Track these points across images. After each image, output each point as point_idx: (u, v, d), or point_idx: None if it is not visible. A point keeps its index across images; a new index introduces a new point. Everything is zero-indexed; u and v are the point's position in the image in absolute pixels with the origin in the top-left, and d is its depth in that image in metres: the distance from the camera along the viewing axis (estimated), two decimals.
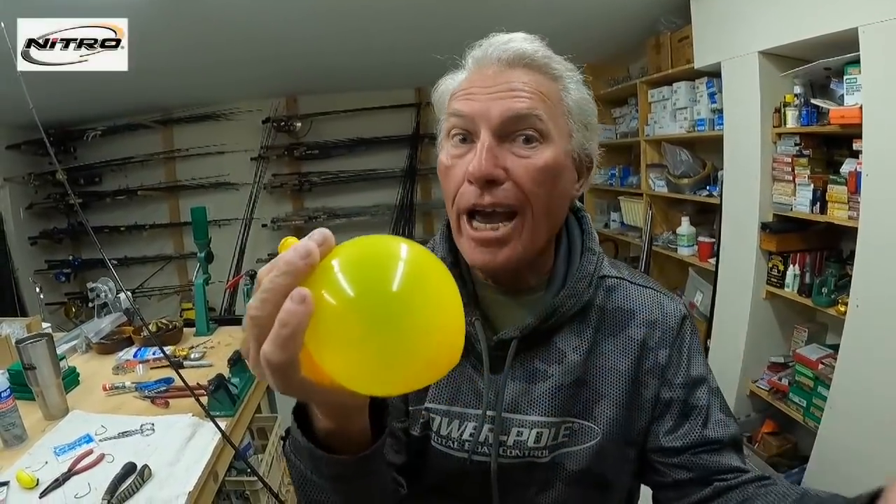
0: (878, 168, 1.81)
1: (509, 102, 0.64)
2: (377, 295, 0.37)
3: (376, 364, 0.38)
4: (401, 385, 0.40)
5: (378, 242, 0.41)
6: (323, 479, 0.56)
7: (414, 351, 0.38)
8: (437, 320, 0.39)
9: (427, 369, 0.40)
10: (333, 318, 0.37)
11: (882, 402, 1.82)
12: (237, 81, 4.18)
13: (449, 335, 0.40)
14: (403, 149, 4.81)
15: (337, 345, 0.38)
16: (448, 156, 0.69)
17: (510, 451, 0.74)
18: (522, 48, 0.67)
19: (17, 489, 1.22)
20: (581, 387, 0.74)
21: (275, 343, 0.37)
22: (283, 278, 0.37)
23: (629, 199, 3.79)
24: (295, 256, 0.38)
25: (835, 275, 2.16)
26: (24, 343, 1.50)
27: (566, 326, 0.75)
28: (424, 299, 0.39)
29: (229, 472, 1.72)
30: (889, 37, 1.71)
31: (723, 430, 0.74)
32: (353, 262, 0.39)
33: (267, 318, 0.38)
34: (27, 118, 1.59)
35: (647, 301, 0.78)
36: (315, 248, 0.38)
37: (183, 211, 4.80)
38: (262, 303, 0.38)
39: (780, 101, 2.28)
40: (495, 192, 0.65)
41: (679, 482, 0.74)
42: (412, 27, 3.25)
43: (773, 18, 2.19)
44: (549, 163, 0.66)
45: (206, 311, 2.25)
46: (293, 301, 0.36)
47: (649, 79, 3.33)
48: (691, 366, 0.76)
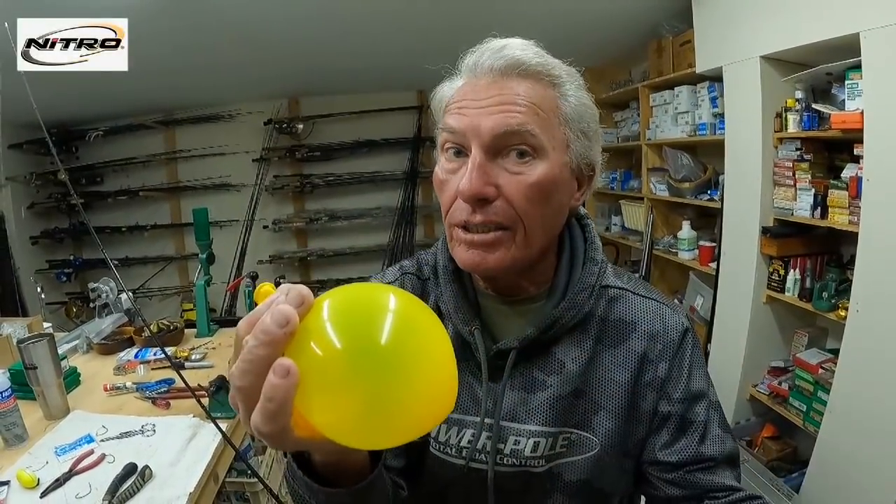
0: (879, 173, 1.81)
1: (500, 118, 0.62)
2: (363, 354, 0.36)
3: (365, 421, 0.37)
4: (391, 439, 0.39)
5: (360, 296, 0.40)
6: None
7: (403, 407, 0.37)
8: (426, 375, 0.38)
9: (417, 424, 0.39)
10: (319, 379, 0.36)
11: (882, 407, 1.81)
12: (239, 83, 4.19)
13: (439, 389, 0.39)
14: (405, 151, 4.82)
15: (324, 404, 0.36)
16: (442, 170, 0.69)
17: (507, 460, 0.74)
18: (515, 56, 0.64)
19: (18, 489, 1.22)
20: (579, 398, 0.74)
21: (263, 415, 0.36)
22: (263, 349, 0.36)
23: (630, 203, 3.79)
24: (273, 325, 0.36)
25: (835, 279, 2.16)
26: (25, 343, 1.50)
27: (566, 337, 0.74)
28: (413, 355, 0.38)
29: (230, 474, 1.72)
30: (891, 42, 1.71)
31: (719, 446, 0.73)
32: (337, 321, 0.37)
33: (251, 388, 0.37)
34: (29, 117, 1.60)
35: (649, 313, 0.77)
36: (294, 315, 0.36)
37: (184, 212, 4.81)
38: (242, 374, 0.37)
39: (782, 106, 2.28)
40: (486, 210, 0.64)
41: (671, 499, 0.74)
42: (414, 30, 3.26)
43: (775, 23, 2.19)
44: (542, 179, 0.64)
45: (207, 313, 2.25)
46: (276, 375, 0.35)
47: (651, 83, 3.34)
48: (691, 380, 0.75)
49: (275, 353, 0.36)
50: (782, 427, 2.48)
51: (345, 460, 0.52)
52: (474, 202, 0.63)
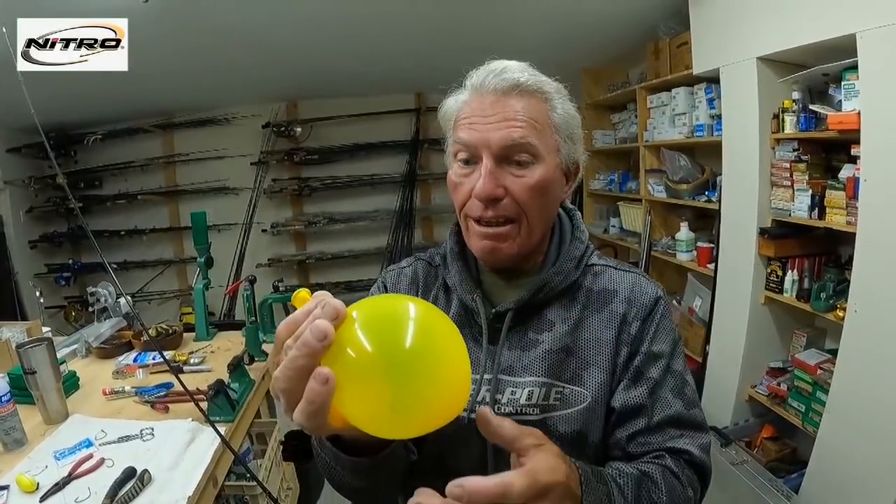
0: (877, 173, 1.81)
1: (506, 132, 0.76)
2: (390, 357, 0.42)
3: (391, 415, 0.43)
4: (413, 430, 0.45)
5: (386, 306, 0.47)
6: (345, 471, 0.66)
7: (424, 403, 0.43)
8: (445, 374, 0.44)
9: (436, 417, 0.45)
10: (352, 380, 0.42)
11: (881, 407, 1.82)
12: (237, 86, 4.19)
13: (456, 387, 0.46)
14: (403, 154, 4.83)
15: (356, 401, 0.43)
16: (455, 174, 0.82)
17: (504, 409, 0.82)
18: (515, 78, 0.77)
19: (17, 493, 1.22)
20: (570, 355, 0.83)
21: (304, 414, 0.44)
22: (303, 360, 0.43)
23: (628, 205, 3.79)
24: (313, 339, 0.42)
25: (833, 280, 2.17)
26: (24, 347, 1.50)
27: (556, 302, 0.85)
28: (433, 356, 0.44)
29: (228, 477, 1.72)
30: (887, 42, 1.72)
31: (662, 407, 0.81)
32: (367, 329, 0.44)
33: (293, 391, 0.44)
34: (28, 121, 1.60)
35: (627, 282, 0.88)
36: (331, 331, 0.43)
37: (183, 215, 4.82)
38: (287, 379, 0.45)
39: (779, 107, 2.28)
40: (496, 207, 0.78)
41: (609, 443, 0.84)
42: (413, 33, 3.27)
43: (772, 24, 2.20)
44: (541, 180, 0.78)
45: (205, 316, 2.25)
46: (317, 382, 0.42)
47: (648, 84, 3.34)
48: (654, 341, 0.84)
49: (313, 363, 0.43)
50: (781, 428, 2.48)
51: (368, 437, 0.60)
52: (488, 201, 0.77)
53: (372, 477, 0.68)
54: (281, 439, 2.18)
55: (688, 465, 0.79)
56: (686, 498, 0.76)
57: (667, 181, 3.22)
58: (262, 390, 1.96)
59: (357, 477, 0.67)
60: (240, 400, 1.66)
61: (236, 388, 1.68)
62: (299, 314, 0.47)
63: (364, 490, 0.75)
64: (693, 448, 0.80)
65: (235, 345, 2.14)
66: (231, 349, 2.09)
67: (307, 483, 2.43)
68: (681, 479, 0.76)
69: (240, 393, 1.69)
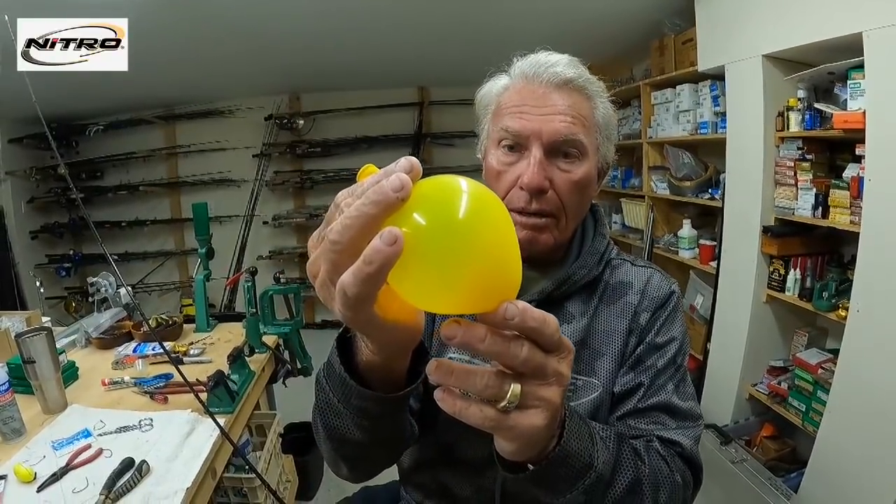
0: (881, 173, 1.80)
1: (557, 125, 0.78)
2: (450, 224, 0.37)
3: (450, 287, 0.38)
4: (464, 305, 0.40)
5: (451, 180, 0.41)
6: (348, 410, 0.60)
7: (484, 274, 0.39)
8: (504, 250, 0.41)
9: (488, 293, 0.41)
10: (418, 248, 0.36)
11: (882, 408, 1.81)
12: (240, 78, 4.18)
13: (514, 266, 0.42)
14: (406, 147, 4.82)
15: (412, 270, 0.37)
16: (498, 162, 0.83)
17: None
18: (567, 74, 0.79)
19: (15, 483, 1.22)
20: (584, 347, 0.85)
21: (356, 276, 0.36)
22: (372, 208, 0.36)
23: (631, 201, 3.78)
24: (389, 188, 0.36)
25: (836, 279, 2.16)
26: (23, 337, 1.50)
27: (576, 295, 0.88)
28: (490, 230, 0.40)
29: (227, 469, 1.72)
30: (893, 42, 1.70)
31: (655, 392, 0.82)
32: (435, 198, 0.39)
33: (348, 245, 0.37)
34: (30, 112, 1.60)
35: (643, 276, 0.91)
36: (409, 183, 0.36)
37: (184, 207, 4.82)
38: (345, 228, 0.37)
39: (784, 105, 2.27)
40: (541, 200, 0.80)
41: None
42: (416, 25, 3.25)
43: (778, 22, 2.18)
44: (584, 176, 0.81)
45: (206, 308, 2.25)
46: (384, 241, 0.34)
47: (652, 81, 3.33)
48: (660, 333, 0.86)
49: (382, 215, 0.36)
50: (781, 427, 2.48)
51: (390, 365, 0.55)
52: (535, 193, 0.79)
53: (373, 419, 0.61)
54: (280, 431, 2.18)
55: (679, 457, 0.78)
56: (673, 482, 0.73)
57: (670, 178, 3.21)
58: (262, 382, 1.96)
59: (357, 416, 0.60)
60: (239, 391, 1.66)
61: (236, 380, 1.68)
62: (364, 182, 0.40)
63: (356, 444, 0.66)
64: (685, 440, 0.79)
65: (236, 336, 2.14)
66: (231, 341, 2.09)
67: (306, 475, 2.43)
68: (668, 463, 0.74)
69: (239, 384, 1.69)
